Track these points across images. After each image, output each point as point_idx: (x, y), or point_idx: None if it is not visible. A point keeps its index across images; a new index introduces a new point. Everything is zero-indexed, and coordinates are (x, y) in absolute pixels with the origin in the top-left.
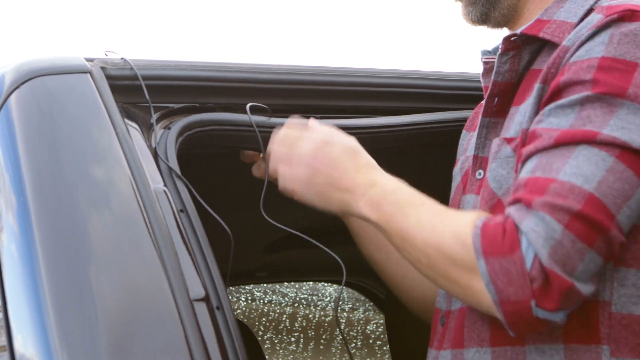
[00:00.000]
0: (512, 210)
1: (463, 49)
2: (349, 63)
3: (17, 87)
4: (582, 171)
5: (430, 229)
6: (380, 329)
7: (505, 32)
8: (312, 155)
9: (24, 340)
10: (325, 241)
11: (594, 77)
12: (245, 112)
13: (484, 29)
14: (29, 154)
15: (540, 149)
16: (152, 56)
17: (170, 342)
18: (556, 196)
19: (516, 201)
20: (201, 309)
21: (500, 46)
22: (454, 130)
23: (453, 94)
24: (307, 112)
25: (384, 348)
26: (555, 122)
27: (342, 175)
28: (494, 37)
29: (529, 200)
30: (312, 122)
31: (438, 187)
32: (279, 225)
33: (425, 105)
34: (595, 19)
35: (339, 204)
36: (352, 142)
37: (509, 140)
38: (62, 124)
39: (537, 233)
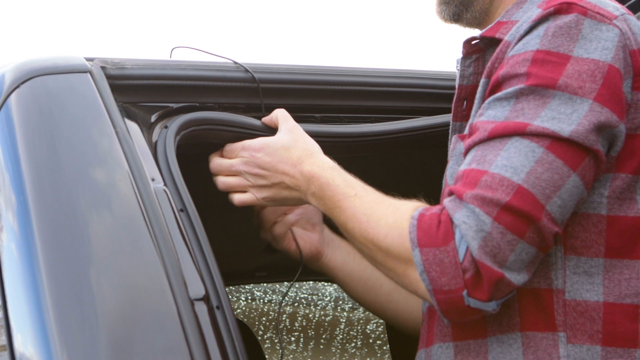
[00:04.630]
0: (447, 202)
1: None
2: (349, 63)
3: (17, 87)
4: (512, 163)
5: (366, 221)
6: (380, 329)
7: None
8: (249, 163)
9: (24, 340)
10: None
11: (527, 70)
12: (240, 111)
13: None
14: (29, 153)
15: (477, 141)
16: (152, 56)
17: (170, 341)
18: (486, 189)
19: (451, 193)
20: (201, 308)
21: (461, 50)
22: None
23: (452, 93)
24: (307, 111)
25: (384, 348)
26: (492, 114)
27: (282, 176)
28: None
29: (460, 193)
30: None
31: (434, 187)
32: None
33: (424, 105)
34: (535, 13)
35: (296, 200)
36: (282, 137)
37: (462, 137)
38: (62, 123)
39: (468, 225)
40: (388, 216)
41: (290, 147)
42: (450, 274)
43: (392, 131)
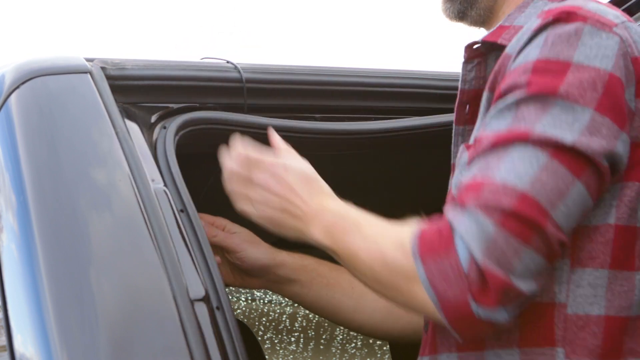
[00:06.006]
0: (448, 212)
1: (462, 49)
2: (349, 63)
3: (17, 87)
4: (516, 170)
5: (374, 242)
6: None
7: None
8: (269, 180)
9: (24, 340)
10: None
11: (528, 79)
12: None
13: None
14: (29, 154)
15: (480, 152)
16: (152, 57)
17: (170, 342)
18: (489, 195)
19: (453, 203)
20: (201, 309)
21: (463, 55)
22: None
23: (452, 93)
24: (306, 112)
25: (384, 348)
26: (495, 125)
27: (296, 201)
28: None
29: (463, 201)
30: (274, 140)
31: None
32: None
33: (424, 105)
34: (535, 23)
35: (293, 231)
36: (307, 167)
37: (468, 147)
38: (62, 124)
39: (471, 232)
40: (394, 235)
41: (311, 180)
42: (455, 283)
43: (390, 129)
